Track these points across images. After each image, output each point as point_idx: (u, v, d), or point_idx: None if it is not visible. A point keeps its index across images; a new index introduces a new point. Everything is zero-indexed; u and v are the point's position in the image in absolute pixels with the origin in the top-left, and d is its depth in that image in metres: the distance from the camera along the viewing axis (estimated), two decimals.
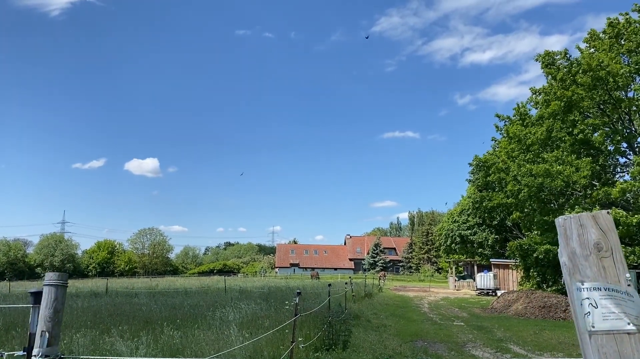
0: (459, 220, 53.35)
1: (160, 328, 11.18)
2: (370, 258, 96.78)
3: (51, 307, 2.69)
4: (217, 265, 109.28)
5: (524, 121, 25.64)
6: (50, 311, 2.68)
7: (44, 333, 2.64)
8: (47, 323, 2.66)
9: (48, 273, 2.78)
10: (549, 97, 22.31)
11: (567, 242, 1.72)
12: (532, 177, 20.48)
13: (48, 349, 2.63)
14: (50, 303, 2.70)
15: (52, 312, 2.68)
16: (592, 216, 1.70)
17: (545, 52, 24.06)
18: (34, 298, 2.83)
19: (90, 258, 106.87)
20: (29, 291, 2.92)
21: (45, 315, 2.67)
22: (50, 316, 2.68)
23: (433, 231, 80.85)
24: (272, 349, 8.86)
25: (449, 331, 15.45)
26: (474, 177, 44.54)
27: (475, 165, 32.14)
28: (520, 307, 21.57)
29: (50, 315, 2.68)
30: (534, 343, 13.26)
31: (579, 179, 19.67)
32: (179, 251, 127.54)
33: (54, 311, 2.69)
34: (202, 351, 8.33)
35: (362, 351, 10.85)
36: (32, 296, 2.86)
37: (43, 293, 2.73)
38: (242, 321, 12.35)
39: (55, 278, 2.75)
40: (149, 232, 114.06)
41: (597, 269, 1.64)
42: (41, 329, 2.65)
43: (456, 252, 54.78)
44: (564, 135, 22.70)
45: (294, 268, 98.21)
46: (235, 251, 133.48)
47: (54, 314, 2.69)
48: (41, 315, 2.69)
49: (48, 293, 2.71)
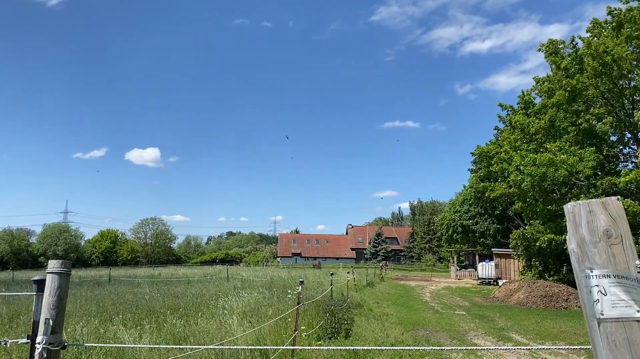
0: (461, 209, 53.39)
1: (164, 316, 11.24)
2: (372, 247, 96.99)
3: (55, 295, 2.68)
4: (220, 254, 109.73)
5: (527, 110, 25.51)
6: (54, 299, 2.67)
7: (48, 321, 2.63)
8: (50, 311, 2.66)
9: (51, 261, 2.77)
10: (553, 86, 22.17)
11: (576, 229, 1.69)
12: (535, 167, 20.41)
13: (52, 337, 2.62)
14: (53, 290, 2.69)
15: (55, 300, 2.67)
16: (602, 202, 1.68)
17: (549, 41, 23.88)
18: (38, 286, 2.82)
19: (94, 248, 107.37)
20: (32, 279, 2.91)
21: (49, 303, 2.67)
22: (54, 303, 2.67)
23: (434, 221, 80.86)
24: (274, 337, 8.89)
25: (450, 320, 15.49)
26: (476, 166, 44.51)
27: (477, 154, 32.04)
28: (522, 296, 21.61)
29: (54, 303, 2.67)
30: (535, 332, 13.29)
31: (583, 169, 19.60)
32: (182, 241, 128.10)
33: (57, 298, 2.68)
34: (205, 340, 8.36)
35: (364, 340, 10.89)
36: (35, 284, 2.85)
37: (46, 281, 2.72)
38: (244, 310, 12.39)
39: (59, 266, 2.74)
40: (151, 222, 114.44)
41: (606, 256, 1.62)
42: (45, 317, 2.65)
43: (458, 242, 54.87)
44: (568, 125, 22.60)
45: (296, 257, 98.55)
46: (237, 240, 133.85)
47: (57, 302, 2.68)
48: (45, 303, 2.68)
49: (52, 281, 2.70)
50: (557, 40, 23.95)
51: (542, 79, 24.58)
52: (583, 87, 20.27)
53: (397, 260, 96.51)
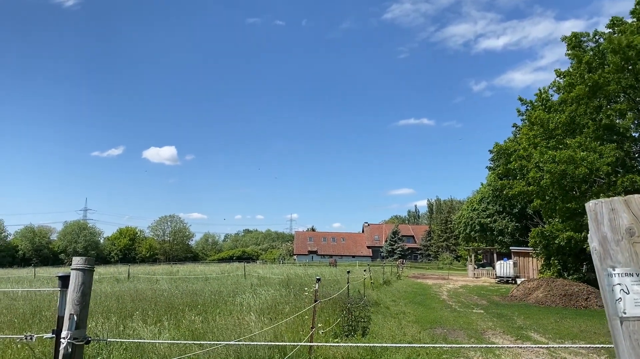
0: (479, 207, 52.92)
1: (182, 313, 11.36)
2: (388, 245, 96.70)
3: (79, 291, 2.73)
4: (236, 252, 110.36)
5: (545, 106, 25.17)
6: (77, 294, 2.73)
7: (72, 316, 2.69)
8: (74, 307, 2.71)
9: (75, 257, 2.82)
10: (574, 81, 21.82)
11: (598, 227, 1.68)
12: (554, 164, 20.13)
13: (76, 332, 2.68)
14: (77, 286, 2.74)
15: (79, 296, 2.73)
16: (624, 200, 1.67)
17: (572, 34, 23.46)
18: (62, 282, 2.88)
19: (113, 245, 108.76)
20: (57, 276, 2.97)
21: (73, 299, 2.72)
22: (77, 299, 2.72)
23: (452, 219, 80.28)
24: (292, 334, 8.94)
25: (468, 319, 15.40)
26: (494, 164, 44.05)
27: (495, 152, 31.72)
28: (541, 295, 21.37)
29: (77, 299, 2.72)
30: (554, 331, 13.15)
31: (601, 166, 19.28)
32: (199, 238, 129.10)
33: (81, 294, 2.73)
34: (224, 336, 8.44)
35: (381, 338, 10.88)
36: (60, 280, 2.91)
37: (70, 277, 2.78)
38: (262, 307, 12.47)
39: (82, 263, 2.79)
40: (169, 219, 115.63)
41: (629, 254, 1.61)
42: (69, 313, 2.70)
43: (475, 240, 54.44)
44: (588, 121, 22.23)
45: (312, 255, 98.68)
46: (254, 238, 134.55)
47: (81, 298, 2.73)
48: (69, 299, 2.74)
49: (75, 277, 2.76)
50: (581, 33, 23.52)
51: (564, 73, 24.19)
52: (605, 81, 19.92)
53: (413, 258, 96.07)
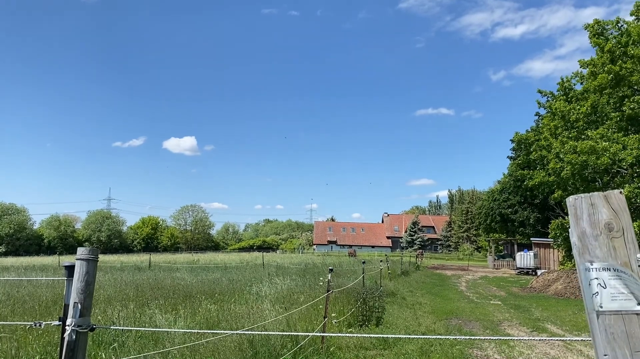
0: (500, 198, 52.33)
1: (199, 301, 11.56)
2: (408, 236, 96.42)
3: (83, 280, 2.83)
4: (257, 241, 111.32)
5: (567, 95, 24.70)
6: (82, 284, 2.82)
7: (77, 305, 2.79)
8: (79, 295, 2.81)
9: (79, 248, 2.91)
10: (596, 70, 21.35)
11: (578, 222, 1.69)
12: (575, 154, 19.80)
13: (80, 320, 2.77)
14: (82, 276, 2.84)
15: (83, 285, 2.82)
16: (604, 195, 1.67)
17: (595, 21, 22.88)
18: (68, 271, 2.99)
19: (135, 234, 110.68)
20: (63, 265, 3.08)
21: (77, 288, 2.82)
22: (82, 288, 2.82)
23: (473, 209, 79.61)
24: (305, 323, 9.03)
25: (485, 310, 15.34)
26: (515, 154, 43.51)
27: (516, 142, 31.32)
28: (560, 287, 21.15)
29: (82, 288, 2.82)
30: (572, 323, 13.02)
31: (626, 157, 18.90)
32: (220, 228, 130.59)
33: (85, 283, 2.83)
34: (237, 324, 8.58)
35: (395, 328, 10.92)
36: (66, 269, 3.02)
37: (75, 267, 2.87)
38: (277, 296, 12.61)
39: (87, 253, 2.88)
40: (190, 209, 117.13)
41: (607, 249, 1.62)
42: (74, 301, 2.80)
43: (496, 231, 53.89)
44: (610, 111, 21.76)
45: (332, 245, 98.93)
46: (274, 227, 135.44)
47: (85, 287, 2.83)
48: (73, 288, 2.83)
49: (80, 267, 2.85)
50: (604, 21, 22.93)
51: (587, 62, 23.67)
52: (627, 72, 19.46)
53: (433, 249, 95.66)
